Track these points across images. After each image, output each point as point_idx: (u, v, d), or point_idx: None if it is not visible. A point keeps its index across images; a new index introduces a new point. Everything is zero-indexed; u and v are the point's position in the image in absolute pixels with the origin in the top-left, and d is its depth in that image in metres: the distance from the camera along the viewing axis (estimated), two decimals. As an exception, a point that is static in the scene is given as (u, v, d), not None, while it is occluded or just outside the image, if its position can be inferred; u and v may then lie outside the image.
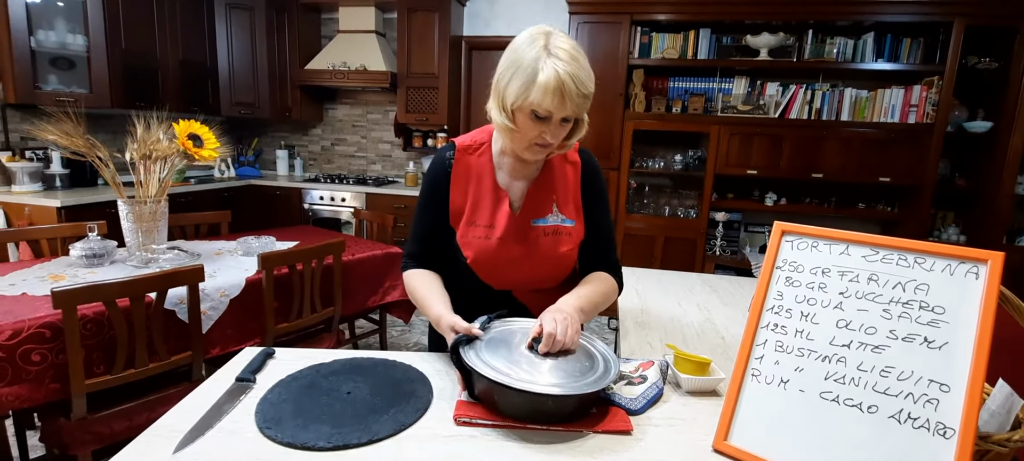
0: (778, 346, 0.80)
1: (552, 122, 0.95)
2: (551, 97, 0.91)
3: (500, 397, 0.83)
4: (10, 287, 1.66)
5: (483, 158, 1.12)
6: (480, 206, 1.11)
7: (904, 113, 3.32)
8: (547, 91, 0.91)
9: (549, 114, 0.94)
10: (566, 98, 0.91)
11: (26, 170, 3.07)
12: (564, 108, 0.93)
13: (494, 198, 1.10)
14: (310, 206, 4.23)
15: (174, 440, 0.75)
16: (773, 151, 3.45)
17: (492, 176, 1.11)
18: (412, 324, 3.55)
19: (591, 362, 0.90)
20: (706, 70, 3.61)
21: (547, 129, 0.96)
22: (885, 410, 0.71)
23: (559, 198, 1.12)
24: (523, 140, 0.99)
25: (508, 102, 0.96)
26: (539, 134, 0.96)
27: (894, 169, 3.34)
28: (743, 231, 3.82)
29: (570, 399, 0.81)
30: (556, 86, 0.90)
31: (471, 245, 1.11)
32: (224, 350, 1.85)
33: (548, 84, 0.90)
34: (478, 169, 1.11)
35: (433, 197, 1.13)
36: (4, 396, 1.37)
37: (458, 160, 1.12)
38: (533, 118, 0.95)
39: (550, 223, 1.11)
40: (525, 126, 0.96)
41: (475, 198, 1.11)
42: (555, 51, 0.92)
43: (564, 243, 1.12)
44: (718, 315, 1.51)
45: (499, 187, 1.11)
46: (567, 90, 0.90)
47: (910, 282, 0.74)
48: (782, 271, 0.84)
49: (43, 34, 3.09)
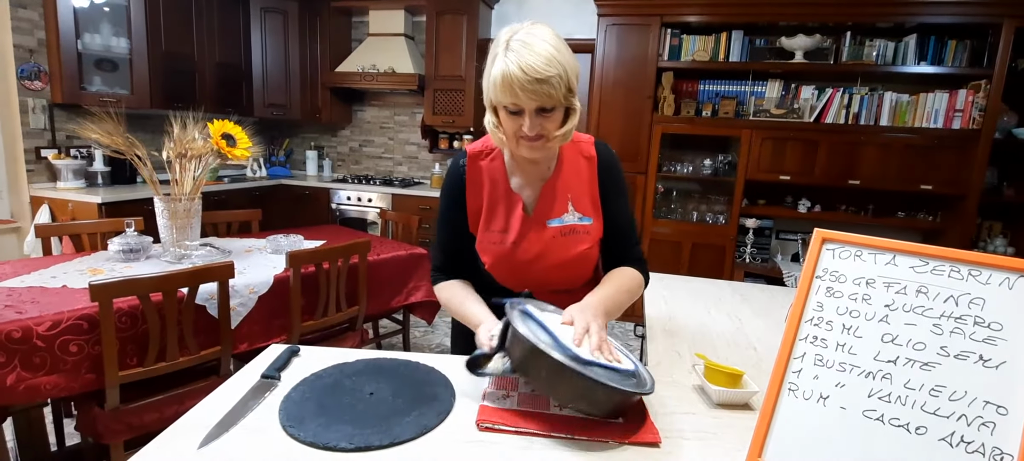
0: (818, 360, 0.76)
1: (525, 114, 0.95)
2: (501, 90, 0.92)
3: (550, 373, 0.80)
4: (52, 279, 1.73)
5: (496, 163, 1.11)
6: (495, 211, 1.10)
7: (948, 118, 3.17)
8: (497, 86, 0.93)
9: (515, 106, 0.94)
10: (516, 88, 0.90)
11: (70, 167, 3.20)
12: (517, 97, 0.92)
13: (507, 202, 1.10)
14: (338, 206, 4.29)
15: (199, 435, 0.75)
16: (807, 156, 3.34)
17: (505, 180, 1.10)
18: (435, 325, 3.56)
19: (628, 366, 0.87)
20: (738, 73, 3.53)
21: (523, 121, 0.95)
22: (935, 432, 0.66)
23: (574, 196, 1.10)
24: (510, 138, 1.00)
25: (488, 104, 1.00)
26: (519, 128, 0.96)
27: (937, 177, 3.19)
28: (774, 239, 3.71)
29: (619, 393, 0.80)
30: (504, 79, 0.91)
31: (488, 250, 1.11)
32: (252, 346, 1.88)
33: (497, 79, 0.92)
34: (491, 174, 1.11)
35: (451, 206, 1.13)
36: (43, 385, 1.41)
37: (471, 166, 1.11)
38: (508, 113, 0.96)
39: (566, 223, 1.09)
40: (505, 122, 0.98)
41: (490, 203, 1.10)
42: (512, 44, 0.92)
43: (582, 242, 1.10)
44: (750, 325, 1.46)
45: (512, 191, 1.10)
46: (515, 79, 0.90)
47: (963, 295, 0.69)
48: (822, 281, 0.80)
49: (89, 37, 3.22)
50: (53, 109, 3.22)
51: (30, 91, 3.11)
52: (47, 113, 3.20)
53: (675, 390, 0.98)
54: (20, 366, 1.38)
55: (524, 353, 0.82)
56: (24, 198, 3.16)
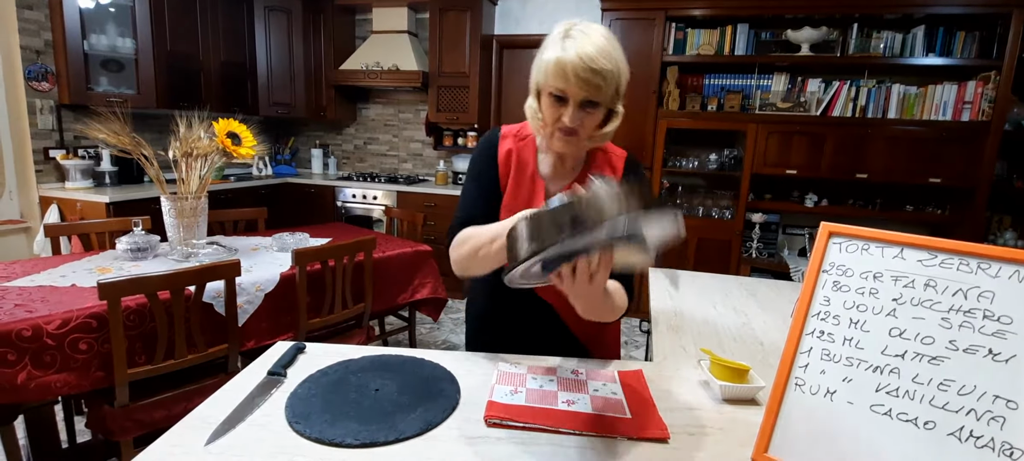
0: (825, 354, 0.76)
1: (569, 104, 0.94)
2: (554, 73, 0.92)
3: (563, 218, 0.67)
4: (61, 278, 1.74)
5: (527, 148, 1.12)
6: (518, 193, 1.10)
7: (957, 110, 3.14)
8: (549, 69, 0.93)
9: (561, 92, 0.94)
10: (569, 73, 0.90)
11: (78, 167, 3.23)
12: (569, 83, 0.91)
13: (532, 188, 1.09)
14: (343, 204, 4.31)
15: (207, 431, 0.76)
16: (814, 150, 3.32)
17: (534, 165, 1.10)
18: (441, 322, 3.57)
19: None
20: (743, 67, 3.50)
21: (564, 112, 0.95)
22: (944, 427, 0.66)
23: None
24: (546, 126, 0.99)
25: (533, 87, 0.99)
26: (558, 116, 0.96)
27: (946, 170, 3.16)
28: (781, 233, 3.69)
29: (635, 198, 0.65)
30: (557, 63, 0.91)
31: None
32: (259, 343, 1.89)
33: (550, 62, 0.93)
34: (520, 154, 1.11)
35: (484, 169, 1.12)
36: (53, 383, 1.43)
37: (503, 140, 1.12)
38: (552, 101, 0.96)
39: None
40: (546, 110, 0.98)
41: (515, 183, 1.10)
42: (572, 33, 0.93)
43: None
44: (756, 320, 1.45)
45: (537, 177, 1.10)
46: (571, 64, 0.90)
47: (972, 289, 0.69)
48: (829, 275, 0.79)
49: (95, 38, 3.24)
50: (60, 110, 3.25)
51: (38, 92, 3.13)
52: (55, 114, 3.22)
53: (681, 385, 0.98)
54: (31, 364, 1.40)
55: (533, 226, 0.69)
56: (33, 198, 3.19)
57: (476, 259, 0.99)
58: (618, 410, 0.87)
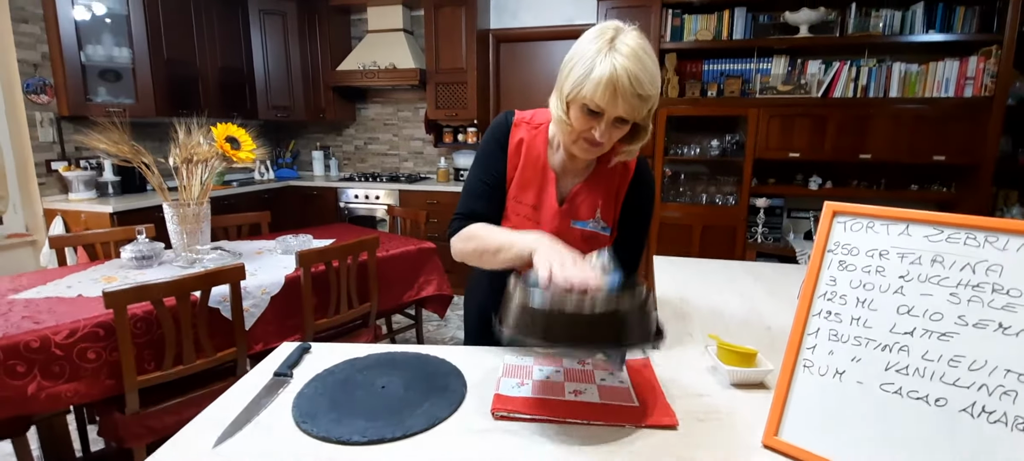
0: (832, 335, 0.75)
1: (603, 119, 0.91)
2: (602, 91, 0.87)
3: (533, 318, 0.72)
4: (67, 289, 1.75)
5: (540, 137, 1.09)
6: (528, 185, 1.08)
7: (960, 87, 3.11)
8: (599, 85, 0.87)
9: (600, 110, 0.90)
10: (619, 95, 0.87)
11: (81, 179, 3.23)
12: (616, 105, 0.88)
13: (542, 180, 1.08)
14: (346, 205, 4.31)
15: (215, 433, 0.76)
16: (816, 132, 3.29)
17: (544, 157, 1.08)
18: (447, 319, 3.57)
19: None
20: (742, 51, 3.48)
21: (597, 125, 0.91)
22: (955, 403, 0.65)
23: (603, 204, 1.09)
24: (573, 133, 0.95)
25: (565, 92, 0.93)
26: (588, 129, 0.93)
27: (950, 147, 3.13)
28: (786, 217, 3.67)
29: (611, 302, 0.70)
30: (609, 81, 0.86)
31: (511, 219, 1.10)
32: (267, 346, 1.90)
33: (601, 78, 0.87)
34: (531, 143, 1.09)
35: (495, 150, 1.09)
36: (63, 392, 1.44)
37: (516, 128, 1.09)
38: (585, 112, 0.92)
39: (589, 228, 1.08)
40: (577, 119, 0.93)
41: (524, 172, 1.09)
42: (618, 47, 0.87)
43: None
44: (763, 304, 1.44)
45: (548, 169, 1.08)
46: (621, 87, 0.86)
47: (980, 263, 0.68)
48: (834, 255, 0.78)
49: (92, 48, 3.24)
50: (60, 122, 3.25)
51: (37, 105, 3.14)
52: (55, 126, 3.23)
53: (689, 372, 0.97)
54: (40, 375, 1.40)
55: (525, 319, 0.72)
56: (37, 211, 3.20)
57: (480, 261, 1.01)
58: (625, 398, 0.86)
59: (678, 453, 0.73)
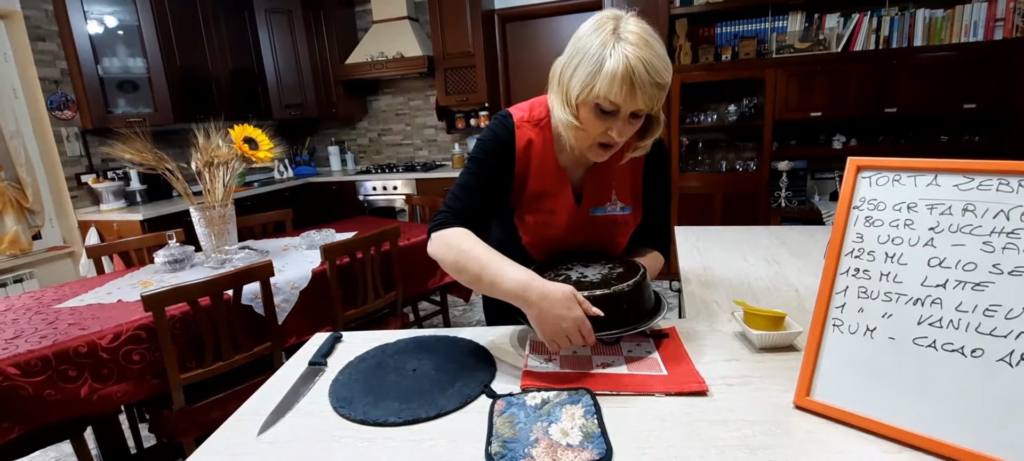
0: (862, 292, 0.74)
1: (619, 116, 0.85)
2: (619, 86, 0.80)
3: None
4: (107, 295, 1.82)
5: (547, 136, 1.02)
6: (542, 190, 1.05)
7: (989, 30, 2.97)
8: (615, 80, 0.80)
9: (616, 107, 0.83)
10: (637, 88, 0.80)
11: (110, 189, 3.34)
12: (634, 100, 0.82)
13: (556, 182, 1.04)
14: (365, 197, 4.36)
15: (257, 423, 0.79)
16: (838, 89, 3.20)
17: (554, 157, 1.03)
18: (473, 303, 3.61)
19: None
20: (756, 10, 3.38)
21: (613, 125, 0.85)
22: (992, 353, 0.64)
23: (618, 185, 1.06)
24: (587, 138, 0.89)
25: (572, 96, 0.86)
26: (604, 131, 0.86)
27: (980, 94, 3.01)
28: (810, 179, 3.58)
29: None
30: (625, 73, 0.80)
31: (529, 230, 1.08)
32: (300, 338, 1.95)
33: (615, 72, 0.80)
34: (539, 146, 1.02)
35: (496, 164, 1.01)
36: (113, 394, 1.51)
37: (520, 129, 1.01)
38: (598, 113, 0.85)
39: (608, 213, 1.07)
40: (589, 122, 0.87)
41: (540, 179, 1.04)
42: (625, 35, 0.81)
43: (620, 233, 1.10)
44: (789, 267, 1.43)
45: (561, 170, 1.03)
46: (638, 78, 0.80)
47: (1015, 208, 0.66)
48: (860, 211, 0.77)
49: (108, 61, 3.32)
50: (85, 135, 3.35)
51: (61, 120, 3.23)
52: (80, 140, 3.33)
53: (716, 339, 0.97)
54: (90, 378, 1.47)
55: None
56: (72, 223, 3.32)
57: (457, 276, 0.93)
58: (654, 368, 0.87)
59: (710, 418, 0.74)
